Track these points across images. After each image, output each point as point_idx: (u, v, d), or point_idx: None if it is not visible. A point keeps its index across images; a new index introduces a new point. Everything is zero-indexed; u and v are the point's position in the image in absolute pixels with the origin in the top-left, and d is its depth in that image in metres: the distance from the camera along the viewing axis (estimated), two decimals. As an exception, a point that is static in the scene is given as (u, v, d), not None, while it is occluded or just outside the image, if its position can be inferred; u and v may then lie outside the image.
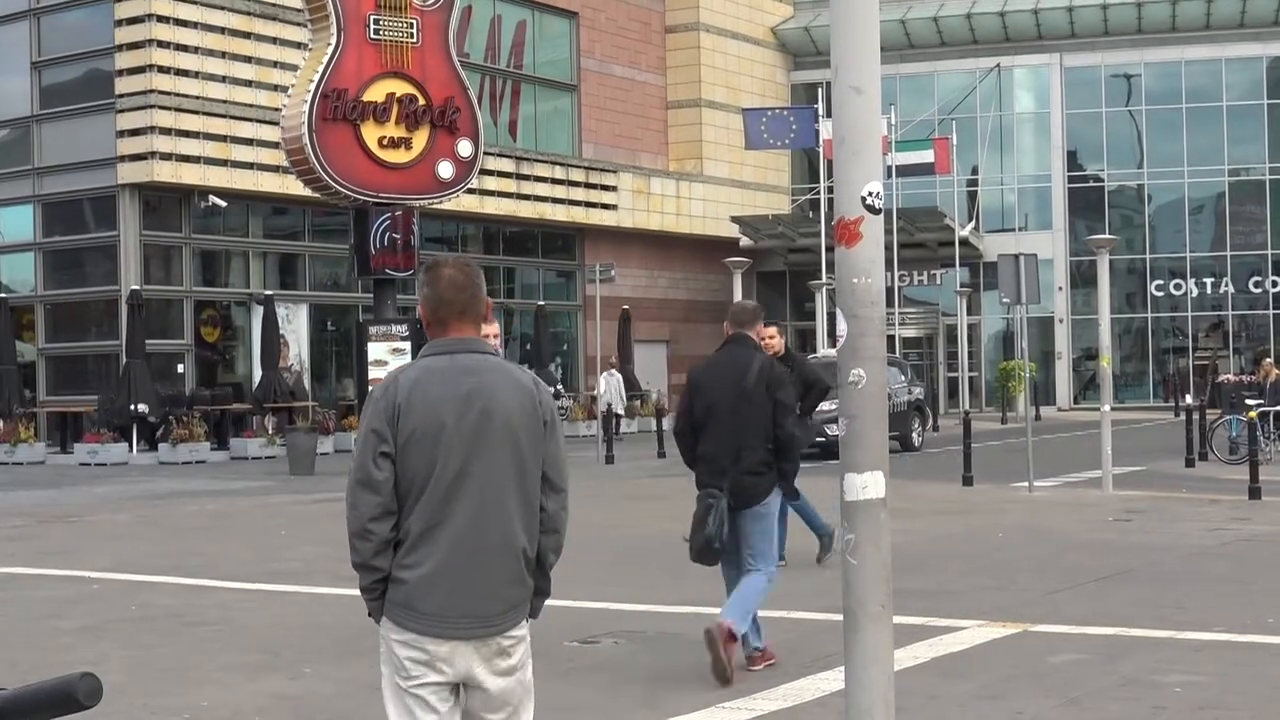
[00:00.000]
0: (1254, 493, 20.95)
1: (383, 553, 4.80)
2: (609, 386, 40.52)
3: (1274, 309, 53.96)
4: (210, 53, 35.49)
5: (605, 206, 46.54)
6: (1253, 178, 54.60)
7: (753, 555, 9.80)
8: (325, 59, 27.91)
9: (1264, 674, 9.59)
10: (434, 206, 31.96)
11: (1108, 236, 27.58)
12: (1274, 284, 53.84)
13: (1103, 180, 55.35)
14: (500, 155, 42.38)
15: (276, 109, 31.29)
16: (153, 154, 34.35)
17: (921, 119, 51.52)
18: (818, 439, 30.45)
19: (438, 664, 4.79)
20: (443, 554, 4.78)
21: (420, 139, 28.96)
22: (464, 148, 29.57)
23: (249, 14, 36.37)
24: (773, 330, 14.53)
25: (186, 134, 34.80)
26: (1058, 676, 9.51)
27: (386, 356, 28.83)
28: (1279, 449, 28.10)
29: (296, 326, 38.18)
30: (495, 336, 13.34)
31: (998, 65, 54.02)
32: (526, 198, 43.74)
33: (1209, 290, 54.73)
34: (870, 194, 4.85)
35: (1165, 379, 55.44)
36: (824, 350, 38.34)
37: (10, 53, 37.74)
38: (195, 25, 35.23)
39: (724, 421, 9.72)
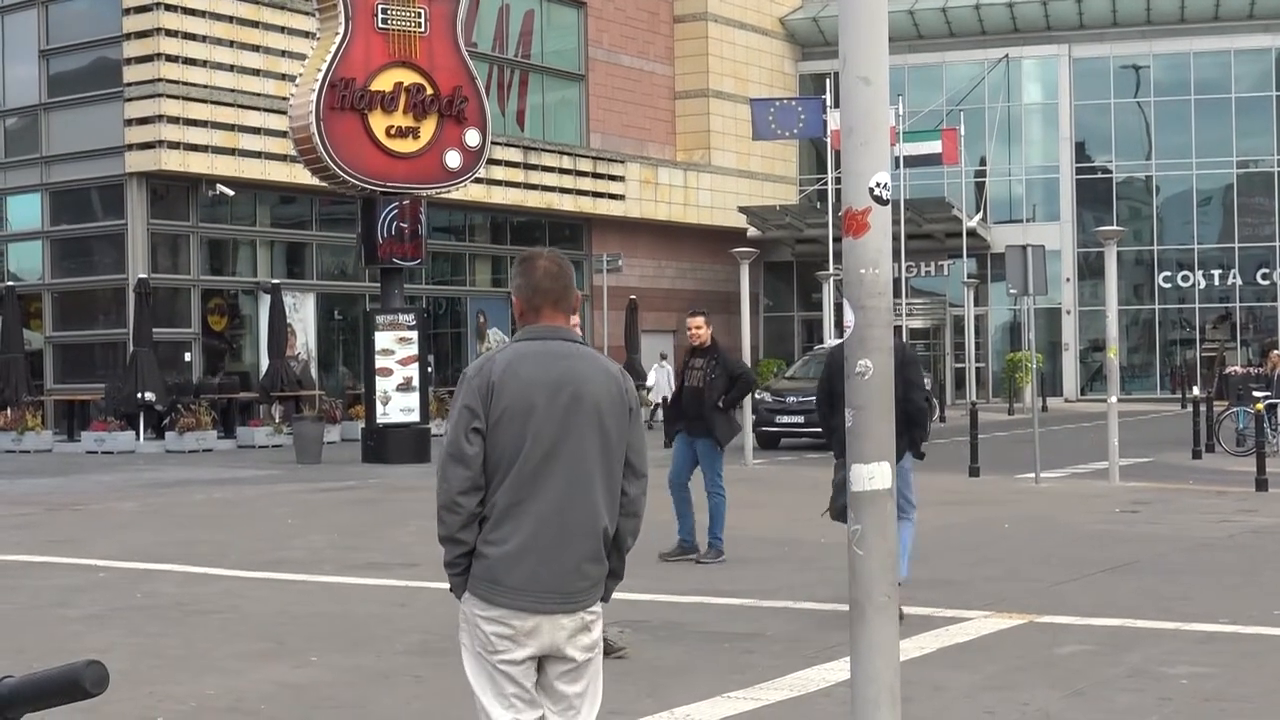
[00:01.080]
0: (1261, 485, 20.97)
1: (469, 526, 4.97)
2: (660, 378, 40.85)
3: (1282, 301, 53.92)
4: (218, 42, 35.47)
5: (613, 196, 46.52)
6: (1261, 170, 54.53)
7: (905, 505, 11.39)
8: (333, 48, 27.90)
9: (1270, 665, 9.60)
10: (441, 196, 31.96)
11: (1115, 228, 27.54)
12: (1282, 275, 53.80)
13: (1111, 172, 55.31)
14: (508, 145, 42.37)
15: (284, 98, 31.30)
16: (160, 143, 34.34)
17: (930, 110, 51.45)
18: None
19: (521, 638, 4.95)
20: (528, 530, 4.94)
21: (428, 128, 28.95)
22: (471, 137, 29.56)
23: (257, 3, 36.35)
24: (699, 321, 14.63)
25: (194, 123, 34.79)
26: (1064, 667, 9.52)
27: (394, 346, 28.84)
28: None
29: (304, 315, 38.19)
30: (575, 326, 13.17)
31: (1006, 56, 53.94)
32: (534, 187, 43.72)
33: (1216, 282, 54.66)
34: (878, 185, 4.85)
35: (1172, 371, 55.40)
36: (830, 340, 38.32)
37: (18, 41, 37.74)
38: (203, 14, 35.22)
39: None
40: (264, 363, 35.56)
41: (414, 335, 29.04)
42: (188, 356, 36.04)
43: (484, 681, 5.01)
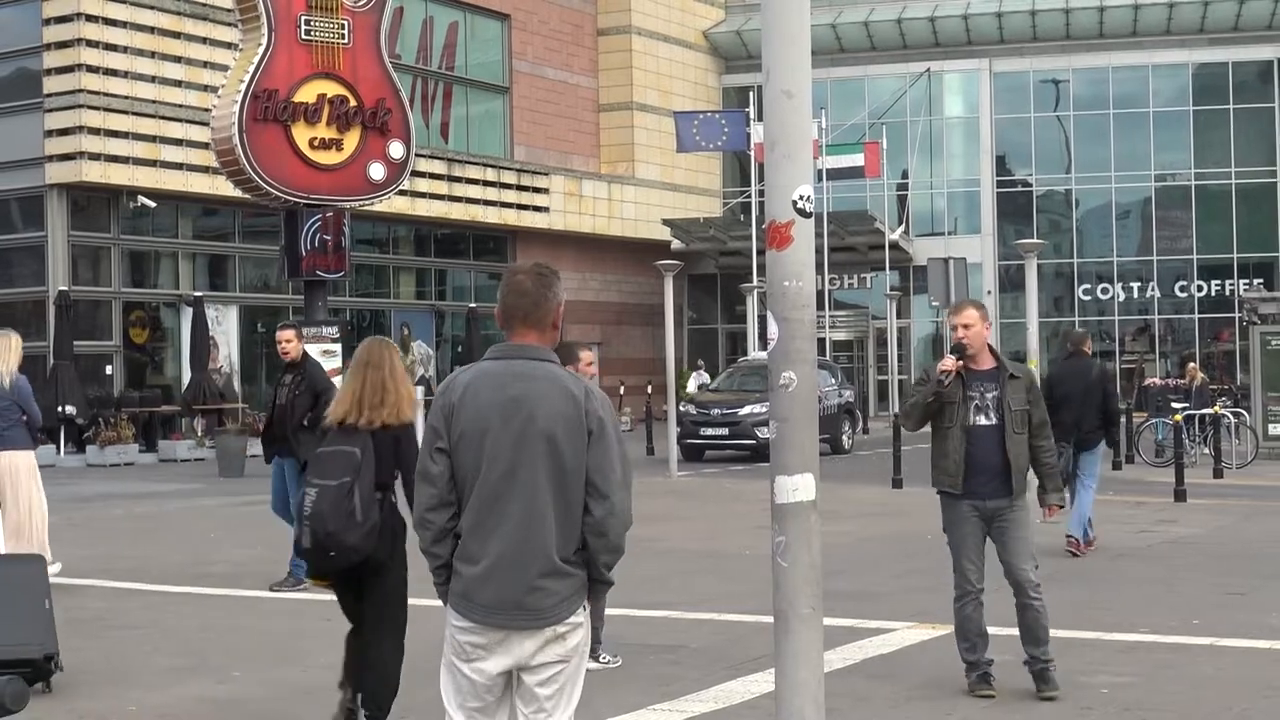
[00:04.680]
0: (1179, 495, 21.19)
1: (441, 541, 5.12)
2: (699, 385, 41.30)
3: (1199, 313, 54.48)
4: (140, 52, 35.18)
5: (537, 209, 46.46)
6: (1179, 183, 55.05)
7: (1088, 479, 15.91)
8: (256, 59, 27.70)
9: (1188, 675, 9.70)
10: (365, 208, 31.79)
11: (1035, 241, 27.76)
12: (1199, 289, 54.35)
13: (1031, 185, 55.71)
14: (432, 157, 42.22)
15: (206, 109, 31.02)
16: (81, 154, 34.02)
17: (852, 123, 51.67)
18: (747, 441, 30.57)
19: (493, 649, 5.07)
20: (494, 550, 5.04)
21: (351, 140, 28.78)
22: (395, 149, 29.42)
23: (179, 14, 36.08)
24: (289, 334, 13.87)
25: (115, 134, 34.48)
26: (986, 677, 9.56)
27: (317, 358, 28.63)
28: (1204, 452, 28.30)
29: (226, 328, 37.92)
30: (589, 364, 12.90)
31: (928, 70, 54.30)
32: (458, 200, 43.60)
33: (1135, 295, 55.17)
34: (801, 197, 4.88)
35: (1092, 383, 55.76)
36: (754, 353, 38.41)
37: (-65, 51, 37.32)
38: (124, 25, 34.93)
39: (1072, 403, 15.60)
40: (186, 376, 35.30)
41: (338, 348, 28.84)
42: (109, 369, 35.70)
43: (450, 690, 5.17)
